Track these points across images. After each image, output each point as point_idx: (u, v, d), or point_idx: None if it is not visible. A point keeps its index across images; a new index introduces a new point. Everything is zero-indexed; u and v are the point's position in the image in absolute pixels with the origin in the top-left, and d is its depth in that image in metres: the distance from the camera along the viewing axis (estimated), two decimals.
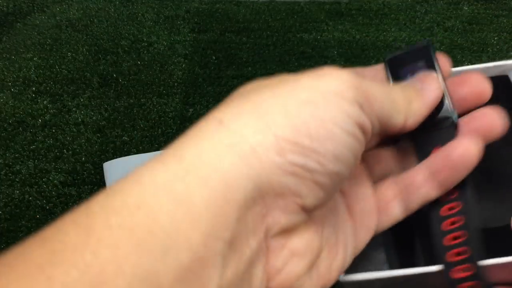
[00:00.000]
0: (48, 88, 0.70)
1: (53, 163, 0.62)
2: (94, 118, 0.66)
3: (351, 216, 0.25)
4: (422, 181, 0.26)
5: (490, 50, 0.64)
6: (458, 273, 0.27)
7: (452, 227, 0.27)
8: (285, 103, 0.21)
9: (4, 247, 0.54)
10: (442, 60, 0.28)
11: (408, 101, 0.25)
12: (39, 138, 0.64)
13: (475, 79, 0.26)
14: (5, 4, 0.81)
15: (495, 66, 0.35)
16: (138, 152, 0.62)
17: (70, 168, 0.61)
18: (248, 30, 0.74)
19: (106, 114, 0.66)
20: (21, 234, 0.55)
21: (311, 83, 0.22)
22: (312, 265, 0.22)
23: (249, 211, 0.19)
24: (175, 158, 0.19)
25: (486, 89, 0.26)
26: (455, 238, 0.27)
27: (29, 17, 0.80)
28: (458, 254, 0.27)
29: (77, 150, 0.63)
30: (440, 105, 0.27)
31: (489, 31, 0.67)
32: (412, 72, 0.28)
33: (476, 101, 0.27)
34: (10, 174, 0.61)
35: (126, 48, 0.74)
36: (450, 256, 0.27)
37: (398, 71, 0.29)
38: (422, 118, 0.25)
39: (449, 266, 0.27)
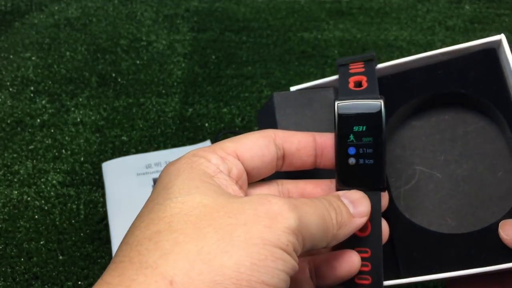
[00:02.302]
0: (46, 87, 0.69)
1: (52, 163, 0.61)
2: (92, 118, 0.66)
3: None
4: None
5: None
6: None
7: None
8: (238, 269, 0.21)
9: (3, 247, 0.53)
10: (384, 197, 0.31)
11: (339, 226, 0.27)
12: (37, 138, 0.64)
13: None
14: (3, 3, 0.81)
15: (482, 43, 0.35)
16: (137, 152, 0.62)
17: (68, 168, 0.61)
18: (248, 29, 0.74)
19: (105, 114, 0.66)
20: (19, 234, 0.55)
21: (262, 236, 0.23)
22: None
23: None
24: None
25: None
26: None
27: (27, 16, 0.79)
28: None
29: (76, 150, 0.63)
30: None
31: (491, 30, 0.66)
32: (358, 145, 0.29)
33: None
34: (8, 175, 0.60)
35: (125, 47, 0.73)
36: None
37: (347, 136, 0.30)
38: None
39: None
